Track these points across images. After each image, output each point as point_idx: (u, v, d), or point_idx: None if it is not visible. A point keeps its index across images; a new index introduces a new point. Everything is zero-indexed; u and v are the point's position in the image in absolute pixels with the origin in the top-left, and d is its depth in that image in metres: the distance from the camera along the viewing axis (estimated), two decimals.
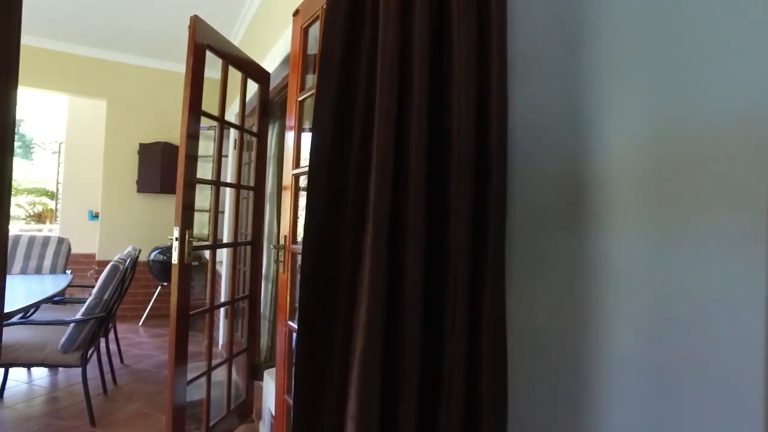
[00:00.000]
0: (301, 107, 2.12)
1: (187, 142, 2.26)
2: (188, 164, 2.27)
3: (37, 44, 5.44)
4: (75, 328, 2.91)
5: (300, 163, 2.05)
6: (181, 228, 2.20)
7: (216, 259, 2.59)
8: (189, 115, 2.26)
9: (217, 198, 2.55)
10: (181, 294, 2.23)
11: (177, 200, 2.24)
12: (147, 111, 5.94)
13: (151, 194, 5.93)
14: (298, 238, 2.08)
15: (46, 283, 3.90)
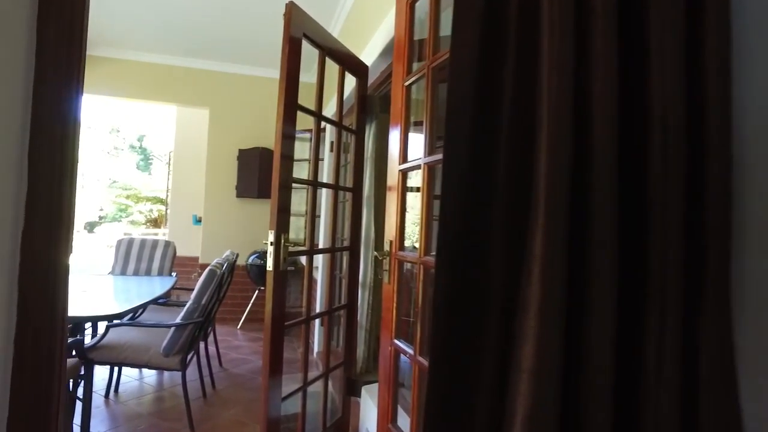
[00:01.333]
0: (407, 94, 1.86)
1: (283, 141, 2.09)
2: (283, 164, 2.09)
3: (148, 60, 5.78)
4: (175, 332, 2.89)
5: (407, 158, 1.78)
6: (276, 232, 2.02)
7: (312, 265, 2.42)
8: (284, 111, 2.09)
9: (314, 200, 2.37)
10: (276, 303, 2.05)
11: (272, 203, 2.08)
12: (245, 117, 6.06)
13: (249, 199, 6.03)
14: (405, 244, 1.82)
15: (154, 285, 4.00)
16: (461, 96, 0.79)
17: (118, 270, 4.49)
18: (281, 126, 2.08)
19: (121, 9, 4.67)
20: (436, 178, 1.71)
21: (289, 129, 2.14)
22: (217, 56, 5.78)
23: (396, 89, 1.92)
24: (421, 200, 1.63)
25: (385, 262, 1.81)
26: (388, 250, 1.81)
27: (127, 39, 5.42)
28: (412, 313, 2.42)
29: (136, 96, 6.01)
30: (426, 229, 1.62)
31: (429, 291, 1.72)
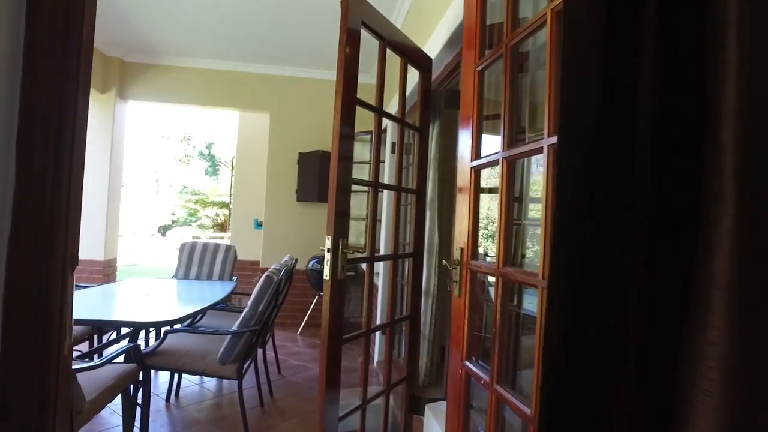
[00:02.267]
0: (479, 80, 1.64)
1: (340, 140, 1.92)
2: (341, 165, 1.93)
3: (212, 66, 5.87)
4: (231, 339, 2.80)
5: (480, 153, 1.56)
6: (333, 238, 1.85)
7: (373, 272, 2.23)
8: (342, 107, 1.92)
9: (375, 203, 2.18)
10: (334, 314, 1.88)
11: (329, 206, 1.91)
12: (305, 121, 6.02)
13: (309, 203, 5.98)
14: (478, 251, 1.59)
15: (214, 289, 3.98)
16: (584, 43, 0.56)
17: (181, 274, 4.52)
18: (339, 123, 1.91)
19: (185, 19, 4.74)
20: (516, 175, 1.47)
21: (347, 127, 1.97)
22: (277, 60, 5.78)
23: (467, 77, 1.70)
24: (499, 201, 1.40)
25: (455, 272, 1.59)
26: (459, 258, 1.59)
27: (191, 47, 5.52)
28: (485, 327, 2.18)
29: (200, 102, 6.12)
30: (504, 235, 1.38)
31: (508, 308, 1.48)
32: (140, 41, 5.36)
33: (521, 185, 2.28)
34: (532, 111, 1.81)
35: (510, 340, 1.84)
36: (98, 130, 5.60)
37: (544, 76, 1.25)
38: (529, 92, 1.89)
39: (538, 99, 1.80)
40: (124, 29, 5.06)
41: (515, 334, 1.89)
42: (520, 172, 2.25)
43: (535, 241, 2.29)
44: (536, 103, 1.81)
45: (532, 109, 1.81)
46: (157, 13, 4.67)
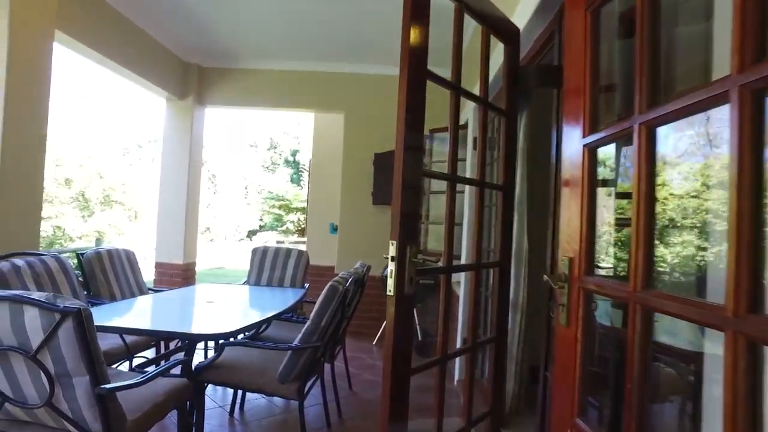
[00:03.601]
0: (593, 22, 1.18)
1: (407, 124, 1.54)
2: (409, 157, 1.55)
3: (287, 67, 5.76)
4: (292, 356, 2.51)
5: (596, 125, 1.10)
6: (399, 243, 1.47)
7: (450, 283, 1.83)
8: (408, 80, 1.54)
9: (452, 201, 1.78)
10: (399, 339, 1.49)
11: (393, 205, 1.54)
12: (381, 119, 5.72)
13: (386, 206, 5.66)
14: (595, 264, 1.13)
15: (285, 296, 3.76)
16: None
17: (253, 279, 4.37)
18: (404, 100, 1.54)
19: (259, 20, 4.64)
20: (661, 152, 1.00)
21: (415, 106, 1.59)
22: (350, 57, 5.55)
23: (574, 21, 1.25)
24: (636, 190, 0.93)
25: (561, 293, 1.14)
26: (566, 273, 1.14)
27: (266, 49, 5.44)
28: (600, 363, 1.68)
29: (275, 105, 6.04)
30: (644, 242, 0.92)
31: (650, 350, 1.01)
32: (217, 46, 5.36)
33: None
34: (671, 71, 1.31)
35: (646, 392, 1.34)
36: (177, 136, 5.67)
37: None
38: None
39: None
40: (202, 35, 5.06)
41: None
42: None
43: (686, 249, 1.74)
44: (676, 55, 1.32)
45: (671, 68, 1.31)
46: (233, 16, 4.61)
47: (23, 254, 2.95)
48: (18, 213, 3.12)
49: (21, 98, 3.13)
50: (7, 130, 3.02)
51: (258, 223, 24.73)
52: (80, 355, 1.67)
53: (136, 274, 3.81)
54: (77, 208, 16.68)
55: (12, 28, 3.05)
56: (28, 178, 3.22)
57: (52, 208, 15.60)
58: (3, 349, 1.71)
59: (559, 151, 2.07)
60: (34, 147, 3.26)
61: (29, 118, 3.21)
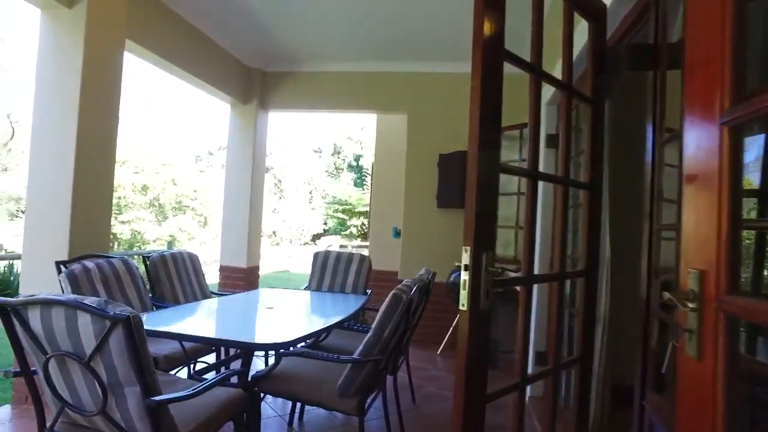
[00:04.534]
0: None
1: (482, 112, 1.32)
2: (484, 152, 1.34)
3: (348, 68, 5.66)
4: (353, 369, 2.34)
5: (739, 95, 0.84)
6: (474, 250, 1.26)
7: (530, 295, 1.58)
8: (482, 59, 1.33)
9: (533, 200, 1.54)
10: (473, 364, 1.28)
11: (467, 207, 1.34)
12: (445, 119, 5.50)
13: (451, 209, 5.42)
14: None
15: (346, 304, 3.63)
16: None
17: (314, 285, 4.28)
18: (479, 85, 1.33)
19: (321, 22, 4.59)
20: None
21: (492, 92, 1.37)
22: (412, 56, 5.36)
23: None
24: None
25: (690, 316, 0.89)
26: (696, 290, 0.88)
27: (327, 51, 5.38)
28: None
29: (338, 107, 5.98)
30: None
31: None
32: (279, 50, 5.36)
33: None
34: None
35: None
36: (241, 140, 5.73)
37: None
38: None
39: None
40: (264, 40, 5.08)
41: None
42: None
43: None
44: None
45: None
46: (295, 19, 4.58)
47: (94, 256, 3.00)
48: (90, 217, 3.19)
49: (93, 107, 3.20)
50: (80, 138, 3.10)
51: (322, 227, 25.13)
52: (131, 365, 1.59)
53: (199, 277, 3.82)
54: (153, 213, 17.64)
55: (87, 39, 3.13)
56: (100, 183, 3.29)
57: (131, 213, 16.59)
58: (59, 354, 1.67)
59: (655, 146, 1.78)
60: (105, 153, 3.34)
61: (101, 126, 3.29)
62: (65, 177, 3.07)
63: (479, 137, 1.31)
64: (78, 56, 3.11)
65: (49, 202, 3.11)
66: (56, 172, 3.10)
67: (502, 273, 1.37)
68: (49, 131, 3.18)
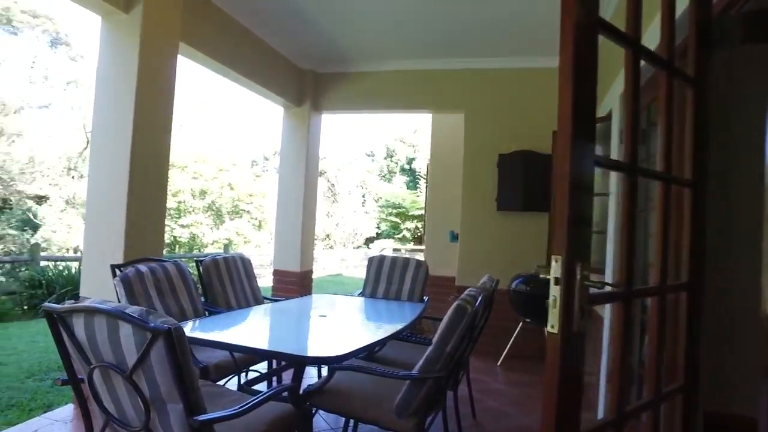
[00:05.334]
0: None
1: (574, 90, 1.09)
2: (578, 145, 1.10)
3: (404, 67, 5.50)
4: (411, 386, 2.14)
5: None
6: (566, 260, 1.03)
7: (629, 317, 1.32)
8: (575, 26, 1.10)
9: (632, 199, 1.28)
10: (564, 399, 1.04)
11: (559, 208, 1.10)
12: (505, 117, 5.21)
13: (512, 212, 5.11)
14: None
15: (402, 312, 3.44)
16: None
17: (368, 291, 4.11)
18: (571, 58, 1.09)
19: (373, 21, 4.47)
20: None
21: (586, 69, 1.13)
22: (468, 52, 5.10)
23: None
24: None
25: None
26: None
27: (380, 50, 5.23)
28: None
29: (392, 107, 5.82)
30: None
31: None
32: (331, 50, 5.26)
33: None
34: None
35: None
36: (294, 142, 5.68)
37: None
38: None
39: None
40: (316, 40, 4.99)
41: None
42: None
43: None
44: None
45: None
46: (347, 20, 4.48)
47: (147, 260, 2.97)
48: (144, 221, 3.17)
49: (148, 111, 3.19)
50: (135, 142, 3.09)
51: (375, 230, 25.13)
52: (173, 380, 1.46)
53: (252, 281, 3.74)
54: (210, 218, 18.21)
55: (142, 43, 3.12)
56: (154, 187, 3.27)
57: (190, 217, 17.19)
58: (102, 365, 1.57)
59: None
60: (159, 156, 3.31)
61: (155, 129, 3.27)
62: (121, 182, 3.06)
63: (572, 127, 1.08)
64: (133, 60, 3.11)
65: (105, 207, 3.12)
66: (112, 177, 3.10)
67: (603, 288, 1.12)
68: (106, 136, 3.19)
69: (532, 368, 4.68)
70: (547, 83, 5.03)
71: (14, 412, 3.17)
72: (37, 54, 17.25)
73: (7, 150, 15.60)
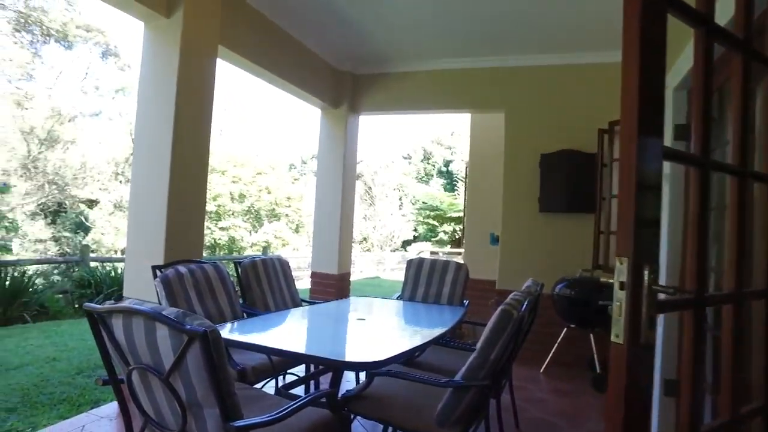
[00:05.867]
0: None
1: (642, 72, 0.98)
2: (646, 135, 0.99)
3: (442, 66, 5.41)
4: (454, 394, 2.04)
5: None
6: (632, 263, 0.92)
7: (700, 330, 1.18)
8: (640, 11, 0.99)
9: (703, 198, 1.15)
10: (633, 422, 0.93)
11: (625, 207, 0.99)
12: (547, 115, 5.03)
13: (556, 214, 4.93)
14: None
15: (442, 316, 3.34)
16: None
17: (407, 294, 4.02)
18: (638, 37, 0.98)
19: (409, 21, 4.40)
20: None
21: (654, 52, 1.02)
22: (509, 49, 4.95)
23: None
24: None
25: None
26: None
27: (418, 49, 5.15)
28: None
29: (430, 107, 5.71)
30: None
31: None
32: (369, 52, 5.23)
33: None
34: None
35: None
36: (331, 144, 5.66)
37: None
38: None
39: None
40: (354, 42, 4.97)
41: None
42: None
43: None
44: None
45: None
46: (385, 20, 4.43)
47: (187, 262, 2.98)
48: (184, 223, 3.20)
49: (188, 114, 3.22)
50: (176, 144, 3.12)
51: (412, 233, 25.01)
52: (209, 385, 1.42)
53: (290, 283, 3.72)
54: (249, 221, 18.54)
55: (182, 47, 3.15)
56: (193, 189, 3.30)
57: (230, 220, 17.57)
58: (140, 367, 1.55)
59: None
60: (198, 160, 3.34)
61: (194, 132, 3.30)
62: (161, 184, 3.10)
63: (639, 115, 0.97)
64: (174, 64, 3.14)
65: (147, 209, 3.16)
66: (154, 180, 3.14)
67: (676, 294, 1.00)
68: (148, 140, 3.24)
69: (577, 376, 4.48)
70: (593, 79, 4.83)
71: (65, 407, 3.26)
72: (89, 65, 18.07)
73: (62, 157, 16.38)
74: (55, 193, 16.47)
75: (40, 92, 16.32)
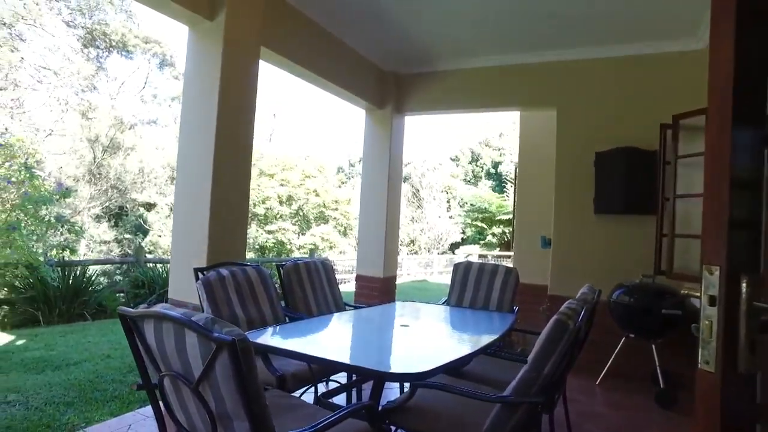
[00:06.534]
0: None
1: (737, 55, 0.81)
2: (742, 129, 0.81)
3: (490, 63, 5.21)
4: (503, 409, 1.87)
5: None
6: (725, 273, 0.75)
7: None
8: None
9: None
10: None
11: (711, 207, 0.82)
12: (601, 111, 4.73)
13: (612, 215, 4.62)
14: None
15: (491, 323, 3.16)
16: None
17: (454, 299, 3.86)
18: (733, 13, 0.81)
19: (454, 17, 4.25)
20: None
21: (757, 8, 0.84)
22: (559, 42, 4.69)
23: None
24: None
25: None
26: None
27: (464, 46, 4.97)
28: None
29: (477, 106, 5.52)
30: None
31: None
32: (413, 50, 5.10)
33: None
34: None
35: None
36: (376, 145, 5.57)
37: None
38: None
39: None
40: (399, 42, 4.87)
41: None
42: None
43: None
44: None
45: None
46: (429, 16, 4.30)
47: (229, 264, 2.96)
48: (226, 225, 3.18)
49: (230, 116, 3.21)
50: (218, 147, 3.10)
51: (460, 236, 24.64)
52: (238, 396, 1.34)
53: (333, 287, 3.64)
54: (297, 224, 18.80)
55: (225, 49, 3.14)
56: (236, 192, 3.28)
57: (278, 223, 17.87)
58: (170, 374, 1.49)
59: None
60: (241, 160, 3.32)
61: (237, 134, 3.28)
62: (204, 187, 3.09)
63: (734, 101, 0.79)
64: (217, 66, 3.14)
65: (190, 211, 3.17)
66: (196, 183, 3.15)
67: None
68: (191, 142, 3.25)
69: (635, 389, 4.17)
70: (651, 71, 4.51)
71: (116, 404, 3.32)
72: (148, 75, 18.94)
73: (122, 162, 17.23)
74: (116, 197, 17.34)
75: (104, 102, 17.25)
